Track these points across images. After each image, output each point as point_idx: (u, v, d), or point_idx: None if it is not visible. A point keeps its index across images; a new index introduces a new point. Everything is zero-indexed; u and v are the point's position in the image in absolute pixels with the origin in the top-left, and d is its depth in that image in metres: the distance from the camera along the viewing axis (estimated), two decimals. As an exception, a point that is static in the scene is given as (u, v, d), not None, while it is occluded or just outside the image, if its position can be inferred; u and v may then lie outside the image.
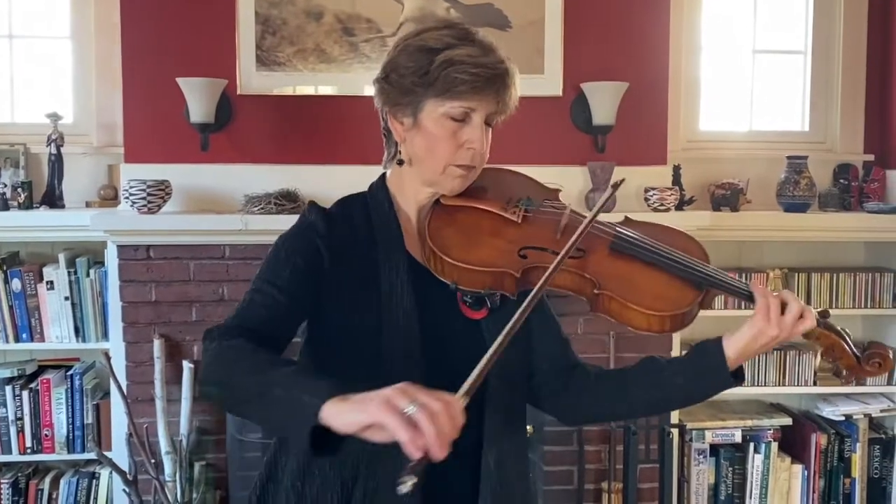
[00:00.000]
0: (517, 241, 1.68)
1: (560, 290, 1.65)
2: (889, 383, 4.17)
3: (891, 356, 1.71)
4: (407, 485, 1.21)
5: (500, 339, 1.41)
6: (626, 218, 1.79)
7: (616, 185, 1.78)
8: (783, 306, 1.62)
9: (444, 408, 1.25)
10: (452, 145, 1.63)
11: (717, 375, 1.66)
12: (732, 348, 1.64)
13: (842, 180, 4.36)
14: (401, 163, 1.72)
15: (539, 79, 3.79)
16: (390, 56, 1.68)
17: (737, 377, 1.68)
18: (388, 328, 1.62)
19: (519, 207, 1.74)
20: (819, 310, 1.69)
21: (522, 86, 1.74)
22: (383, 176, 1.79)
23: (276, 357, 1.53)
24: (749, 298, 1.65)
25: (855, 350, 1.70)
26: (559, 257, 1.57)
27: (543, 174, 3.77)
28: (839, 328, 1.70)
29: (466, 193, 1.72)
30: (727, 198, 4.11)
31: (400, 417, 1.22)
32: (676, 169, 4.03)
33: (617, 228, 1.73)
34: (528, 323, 1.67)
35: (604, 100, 3.74)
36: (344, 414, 1.28)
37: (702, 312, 1.69)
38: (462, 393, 1.31)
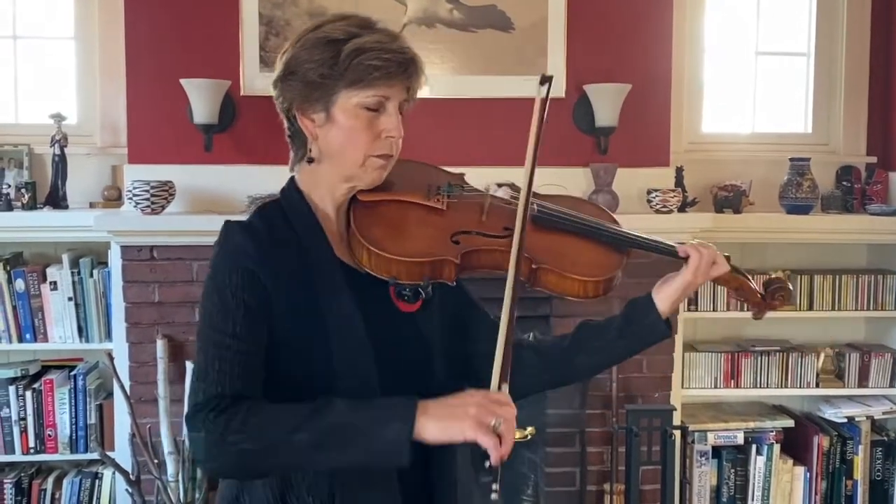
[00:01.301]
0: (447, 227, 1.68)
1: (502, 273, 1.65)
2: (891, 385, 4.18)
3: (790, 286, 1.86)
4: (497, 492, 1.40)
5: (505, 318, 1.50)
6: (536, 194, 1.81)
7: (547, 80, 1.76)
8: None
9: (513, 416, 1.44)
10: (370, 136, 1.61)
11: (655, 330, 1.78)
12: (665, 302, 1.77)
13: (844, 182, 4.36)
14: (311, 161, 1.66)
15: (542, 80, 3.78)
16: (290, 53, 1.63)
17: (669, 327, 1.79)
18: (335, 336, 1.60)
19: (441, 195, 1.73)
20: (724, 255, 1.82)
21: (526, 87, 1.75)
22: (293, 179, 1.73)
23: (310, 404, 1.50)
24: (672, 255, 1.78)
25: (758, 288, 1.84)
26: (517, 234, 1.59)
27: (545, 175, 3.79)
28: (742, 270, 1.84)
29: (383, 187, 1.69)
30: (730, 199, 4.11)
31: (492, 438, 1.41)
32: (679, 170, 4.04)
33: (540, 204, 1.75)
34: (459, 311, 1.76)
35: (606, 101, 3.74)
36: (431, 430, 1.45)
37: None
38: (500, 383, 1.47)
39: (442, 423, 1.44)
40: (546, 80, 1.75)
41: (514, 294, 1.51)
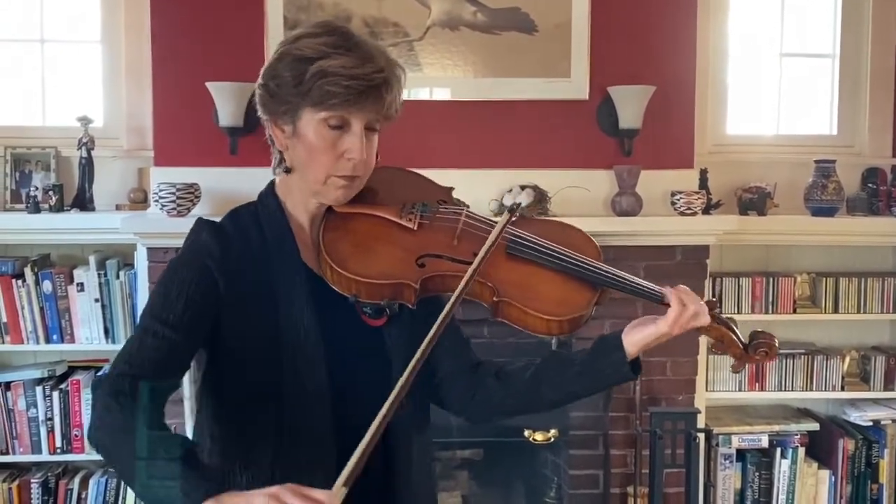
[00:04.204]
0: (414, 249, 1.65)
1: (468, 298, 1.64)
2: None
3: (776, 344, 1.76)
4: None
5: (393, 395, 1.39)
6: (521, 216, 1.78)
7: (513, 211, 1.72)
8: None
9: None
10: (332, 156, 1.60)
11: (618, 371, 1.71)
12: (634, 346, 1.69)
13: (870, 184, 4.33)
14: (287, 171, 1.68)
15: (565, 82, 3.79)
16: (270, 62, 1.64)
17: (635, 370, 1.72)
18: (288, 345, 1.59)
19: (414, 213, 1.70)
20: (707, 300, 1.73)
21: (550, 89, 1.72)
22: (272, 183, 1.74)
23: (164, 433, 1.46)
24: (653, 300, 1.69)
25: (742, 339, 1.75)
26: (467, 276, 1.55)
27: (569, 178, 3.80)
28: (727, 319, 1.75)
29: (360, 199, 1.68)
30: (754, 202, 4.09)
31: None
32: (703, 172, 4.02)
33: (512, 232, 1.70)
34: (428, 327, 1.65)
35: (630, 103, 3.73)
36: None
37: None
38: (342, 483, 1.29)
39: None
40: (512, 210, 1.72)
41: (408, 382, 1.42)
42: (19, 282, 3.79)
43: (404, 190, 1.76)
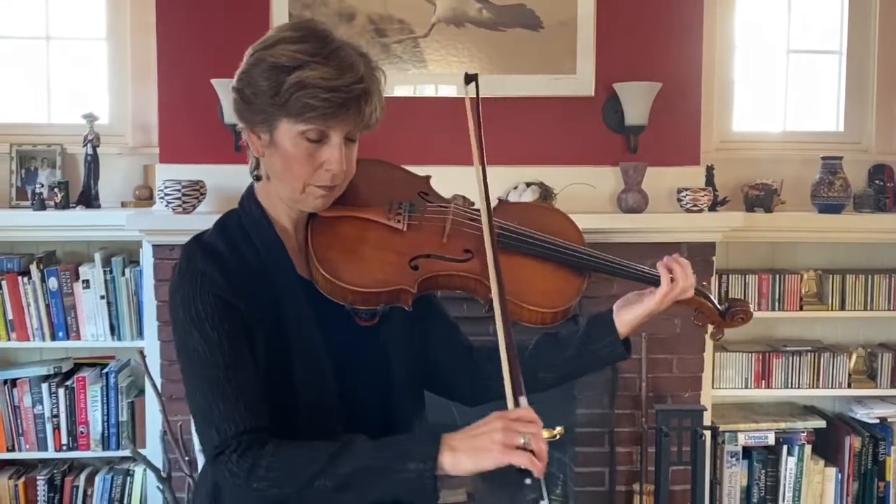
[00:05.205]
0: (405, 251, 1.63)
1: (456, 292, 1.66)
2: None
3: (751, 309, 1.80)
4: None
5: (501, 332, 1.49)
6: (500, 200, 1.78)
7: (471, 79, 1.69)
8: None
9: (539, 427, 1.43)
10: (310, 167, 1.56)
11: (613, 351, 1.76)
12: (626, 325, 1.74)
13: (877, 181, 4.32)
14: (258, 178, 1.66)
15: (571, 79, 3.78)
16: (245, 68, 1.59)
17: (626, 349, 1.77)
18: (299, 357, 1.59)
19: (402, 213, 1.67)
20: None
21: (555, 86, 1.70)
22: (252, 189, 1.70)
23: (338, 441, 1.50)
24: (648, 282, 1.72)
25: (719, 307, 1.78)
26: (488, 247, 1.57)
27: (575, 174, 3.80)
28: (703, 289, 1.78)
29: (343, 199, 1.65)
30: (761, 199, 4.08)
31: (524, 455, 1.40)
32: (710, 169, 4.01)
33: (500, 224, 1.69)
34: (422, 320, 1.74)
35: (636, 100, 3.72)
36: (463, 464, 1.44)
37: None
38: (516, 399, 1.46)
39: (471, 455, 1.43)
40: (471, 79, 1.69)
41: (505, 306, 1.46)
42: (25, 279, 3.79)
43: (385, 184, 1.73)
